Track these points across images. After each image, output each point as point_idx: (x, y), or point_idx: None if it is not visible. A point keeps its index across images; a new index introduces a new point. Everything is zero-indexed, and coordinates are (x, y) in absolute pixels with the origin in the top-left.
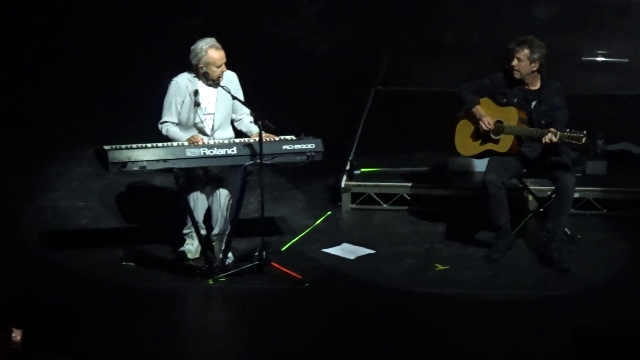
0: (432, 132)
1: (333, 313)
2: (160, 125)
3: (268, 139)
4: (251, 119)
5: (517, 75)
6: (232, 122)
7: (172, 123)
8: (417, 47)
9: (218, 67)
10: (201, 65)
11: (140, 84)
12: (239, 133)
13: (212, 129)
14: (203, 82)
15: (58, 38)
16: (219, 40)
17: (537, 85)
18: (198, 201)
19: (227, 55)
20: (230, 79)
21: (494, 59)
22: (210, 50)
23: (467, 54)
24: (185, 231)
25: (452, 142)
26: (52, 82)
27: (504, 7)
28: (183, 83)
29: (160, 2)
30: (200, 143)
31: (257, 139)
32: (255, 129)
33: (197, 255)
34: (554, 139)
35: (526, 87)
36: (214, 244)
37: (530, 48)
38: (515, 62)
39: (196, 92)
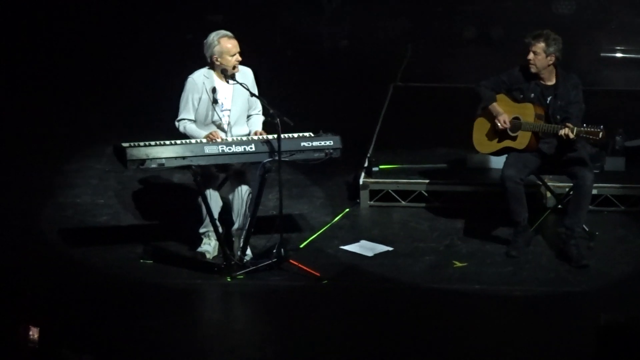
0: (450, 128)
1: (352, 310)
2: (177, 123)
3: (258, 137)
4: (260, 117)
5: (533, 69)
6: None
7: (190, 120)
8: (437, 42)
9: (232, 55)
10: (216, 56)
11: (160, 80)
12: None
13: (229, 124)
14: (219, 77)
15: (78, 35)
16: (238, 36)
17: (552, 81)
18: (212, 199)
19: (244, 52)
20: (246, 74)
21: (515, 55)
22: (222, 40)
23: (488, 49)
24: (202, 230)
25: (470, 139)
26: (72, 79)
27: (524, 3)
28: (199, 79)
29: None
30: (218, 140)
31: (257, 136)
32: (255, 127)
33: (215, 254)
34: (570, 135)
35: (542, 82)
36: (234, 239)
37: (545, 41)
38: (531, 56)
39: (214, 90)
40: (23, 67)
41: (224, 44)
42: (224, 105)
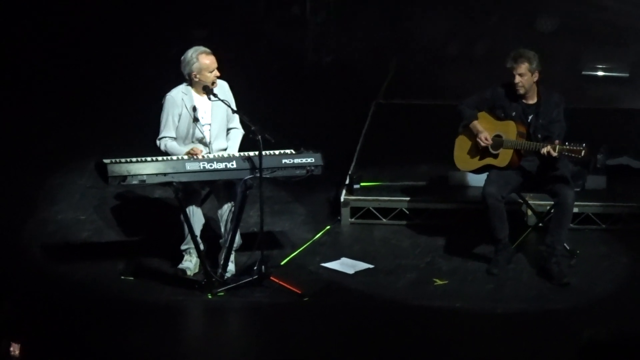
0: (432, 146)
1: (333, 327)
2: (158, 142)
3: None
4: (239, 130)
5: (522, 91)
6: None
7: (171, 138)
8: (421, 59)
9: (211, 72)
10: (194, 72)
11: (144, 96)
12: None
13: (210, 139)
14: (197, 93)
15: (61, 49)
16: (221, 52)
17: (534, 99)
18: (195, 216)
19: (229, 66)
20: (223, 87)
21: (499, 71)
22: (201, 56)
23: (472, 66)
24: (183, 247)
25: (451, 156)
26: (54, 93)
27: (507, 20)
28: (178, 96)
29: (166, 12)
30: (200, 155)
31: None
32: (232, 143)
33: (197, 271)
34: (553, 153)
35: (524, 100)
36: (221, 251)
37: (528, 60)
38: (518, 79)
39: (194, 108)
40: (5, 82)
41: (203, 60)
42: (204, 119)
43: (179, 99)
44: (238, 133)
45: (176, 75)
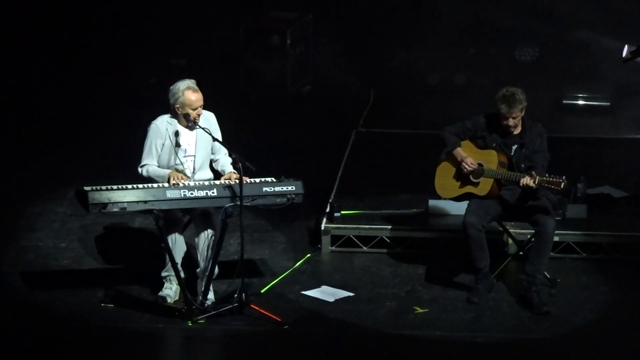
0: (412, 174)
1: (313, 356)
2: (140, 169)
3: (235, 181)
4: (229, 158)
5: (516, 131)
6: (210, 162)
7: (152, 165)
8: (400, 89)
9: (194, 109)
10: (178, 106)
11: (123, 124)
12: (216, 174)
13: (193, 170)
14: (182, 123)
15: (39, 77)
16: (201, 81)
17: (518, 129)
18: (176, 243)
19: (208, 96)
20: (209, 119)
21: (478, 101)
22: (187, 92)
23: (451, 95)
24: (163, 274)
25: (432, 184)
26: (34, 122)
27: (487, 50)
28: (162, 126)
29: (145, 41)
30: (181, 181)
31: (230, 180)
32: (228, 168)
33: (177, 298)
34: (532, 184)
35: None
36: (198, 281)
37: (520, 103)
38: (512, 122)
39: (177, 134)
40: None
41: (188, 96)
42: (188, 151)
43: (164, 129)
44: (228, 160)
45: (156, 104)
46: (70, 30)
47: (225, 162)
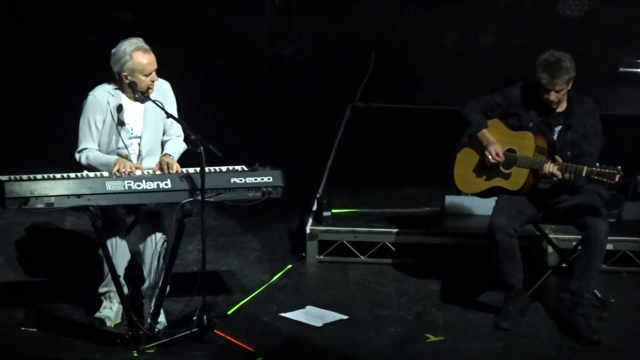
0: (424, 161)
1: None
2: (77, 155)
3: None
4: (181, 142)
5: (559, 108)
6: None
7: (93, 150)
8: (408, 52)
9: (147, 75)
10: (125, 73)
11: (55, 96)
12: None
13: (139, 155)
14: (128, 95)
15: None
16: (151, 41)
17: (563, 106)
18: (118, 250)
19: (158, 62)
20: (163, 89)
21: (506, 68)
22: (136, 54)
23: (474, 61)
24: (101, 290)
25: (451, 175)
26: None
27: (524, 2)
28: (103, 97)
29: None
30: (129, 168)
31: (168, 169)
32: (169, 151)
33: (119, 321)
34: (555, 171)
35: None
36: (143, 301)
37: (567, 72)
38: (554, 97)
39: (119, 108)
40: None
41: (138, 59)
42: (134, 131)
43: (104, 101)
44: (178, 142)
45: (95, 70)
46: None
47: (173, 145)
